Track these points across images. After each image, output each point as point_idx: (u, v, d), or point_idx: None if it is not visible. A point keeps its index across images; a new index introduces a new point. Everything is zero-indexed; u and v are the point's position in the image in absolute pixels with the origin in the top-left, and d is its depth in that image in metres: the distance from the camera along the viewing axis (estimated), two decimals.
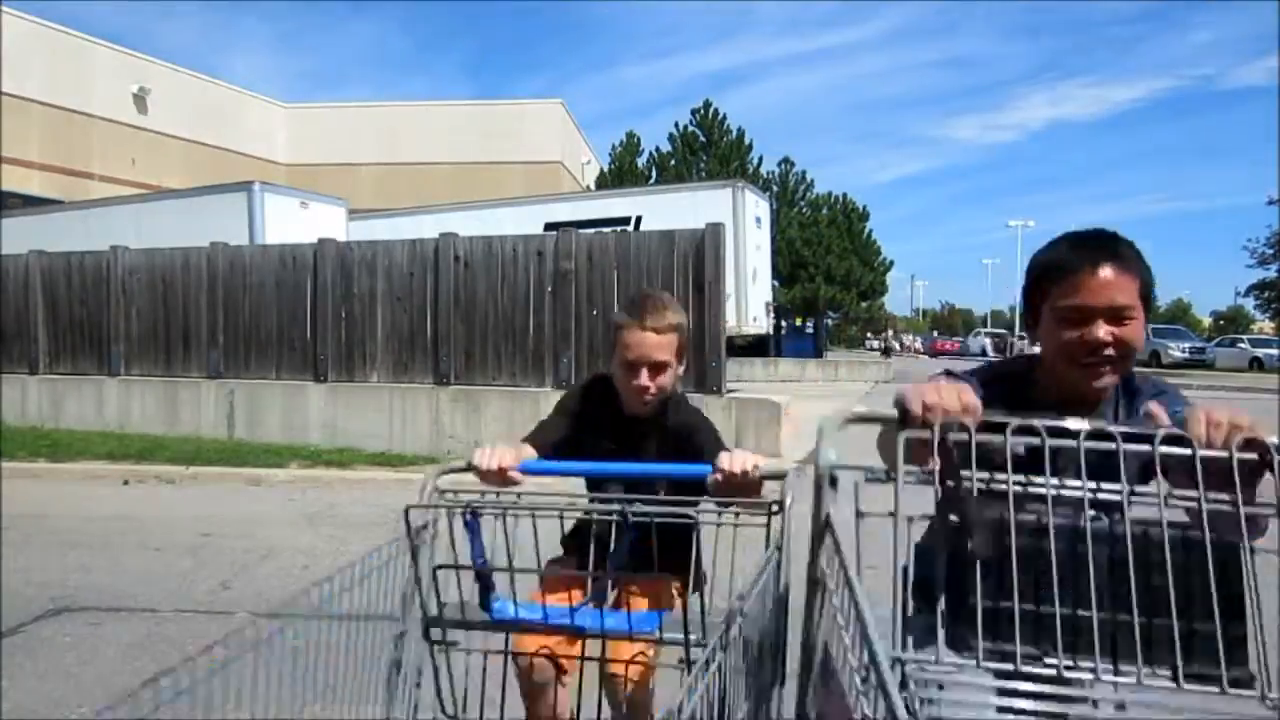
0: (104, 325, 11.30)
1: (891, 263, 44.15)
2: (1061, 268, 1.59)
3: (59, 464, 8.79)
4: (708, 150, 35.39)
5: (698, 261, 8.81)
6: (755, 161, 36.14)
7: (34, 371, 11.71)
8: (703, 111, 35.92)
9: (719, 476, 1.75)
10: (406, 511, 1.55)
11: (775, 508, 1.65)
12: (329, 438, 9.80)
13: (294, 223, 14.16)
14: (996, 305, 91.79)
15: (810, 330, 31.16)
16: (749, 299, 17.09)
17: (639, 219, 16.44)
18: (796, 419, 9.32)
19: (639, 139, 36.41)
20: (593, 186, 33.70)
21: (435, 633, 1.64)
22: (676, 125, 36.39)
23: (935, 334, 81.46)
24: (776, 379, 23.96)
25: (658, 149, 36.30)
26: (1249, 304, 50.91)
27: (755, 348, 23.56)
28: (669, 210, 15.49)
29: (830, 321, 43.81)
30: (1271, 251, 39.41)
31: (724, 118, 35.89)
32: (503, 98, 44.31)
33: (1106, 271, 1.54)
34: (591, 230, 11.81)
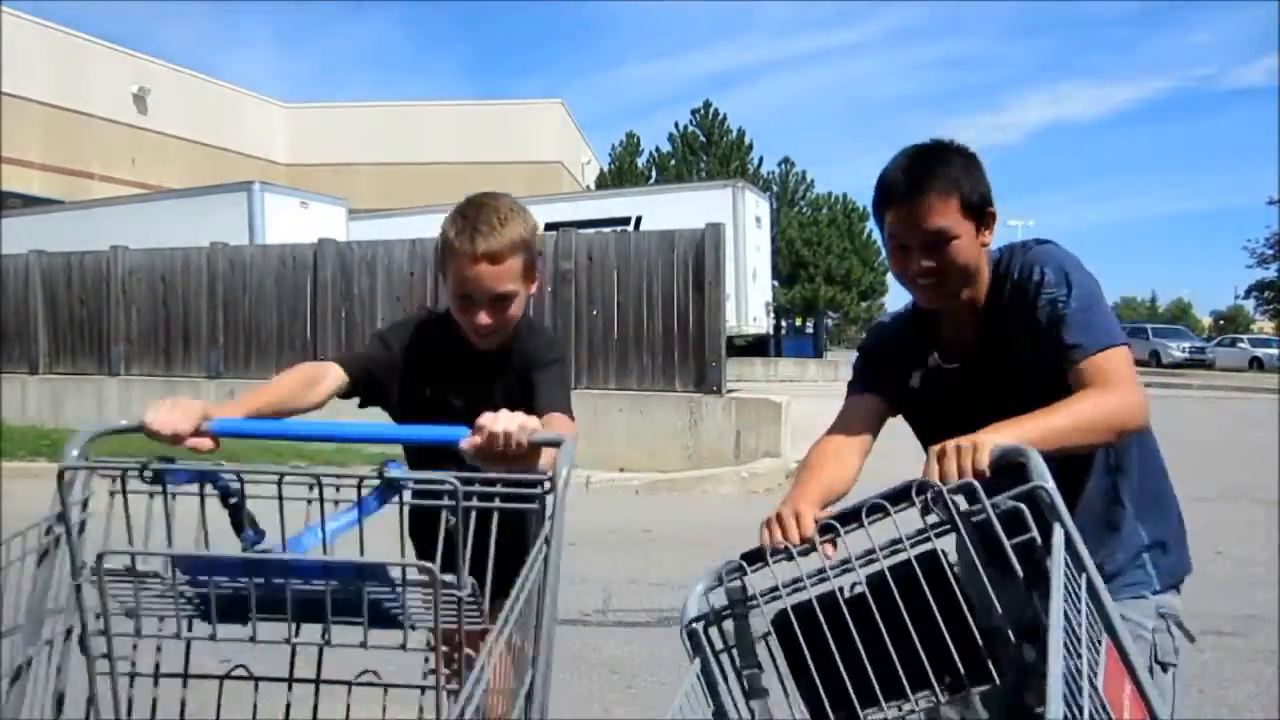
0: (104, 325, 11.30)
1: None
2: (881, 194, 1.63)
3: (59, 464, 8.79)
4: (708, 150, 35.43)
5: (698, 261, 8.81)
6: (755, 161, 36.21)
7: (34, 371, 11.71)
8: (703, 111, 35.96)
9: (476, 440, 1.38)
10: (61, 475, 1.23)
11: (546, 485, 1.32)
12: None
13: (294, 223, 14.16)
14: None
15: (810, 330, 31.16)
16: (749, 299, 17.11)
17: (639, 219, 16.44)
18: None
19: (639, 139, 36.51)
20: (593, 186, 33.72)
21: (98, 644, 1.28)
22: (676, 125, 36.48)
23: None
24: (776, 379, 23.97)
25: (658, 149, 36.37)
26: (1249, 304, 50.98)
27: (755, 348, 23.58)
28: (669, 210, 15.49)
29: (830, 321, 43.83)
30: (1271, 251, 39.39)
31: (724, 118, 35.95)
32: (503, 98, 44.36)
33: (925, 199, 1.56)
34: (591, 230, 11.82)
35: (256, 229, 14.08)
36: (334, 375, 1.78)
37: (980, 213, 1.60)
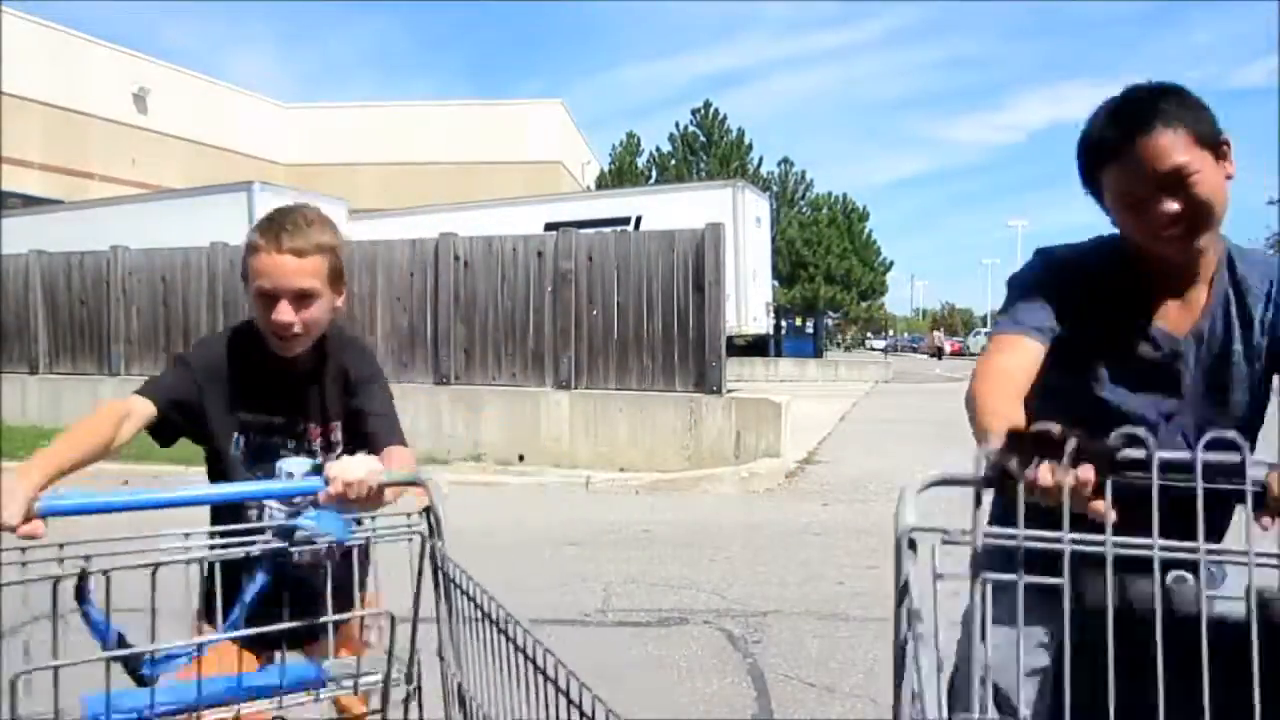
0: (104, 325, 11.30)
1: (891, 263, 44.24)
2: (1103, 147, 1.44)
3: None
4: (708, 150, 35.43)
5: (698, 261, 8.81)
6: (755, 161, 36.21)
7: (34, 371, 11.71)
8: (703, 111, 35.98)
9: (331, 491, 1.45)
10: None
11: (414, 518, 1.43)
12: None
13: None
14: (996, 305, 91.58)
15: (810, 330, 31.18)
16: (749, 299, 17.09)
17: (639, 219, 16.42)
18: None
19: (639, 139, 36.53)
20: (593, 186, 33.72)
21: None
22: (676, 125, 36.50)
23: (935, 334, 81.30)
24: (776, 379, 23.97)
25: (658, 149, 36.39)
26: None
27: (755, 348, 23.59)
28: (669, 210, 15.48)
29: (831, 322, 43.77)
30: (1271, 251, 39.50)
31: (724, 118, 35.97)
32: (503, 98, 44.41)
33: (1150, 139, 1.38)
34: (591, 230, 11.82)
35: None
36: (139, 410, 1.69)
37: (1215, 142, 1.41)
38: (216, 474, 1.84)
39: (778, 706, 3.38)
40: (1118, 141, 1.41)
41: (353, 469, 1.45)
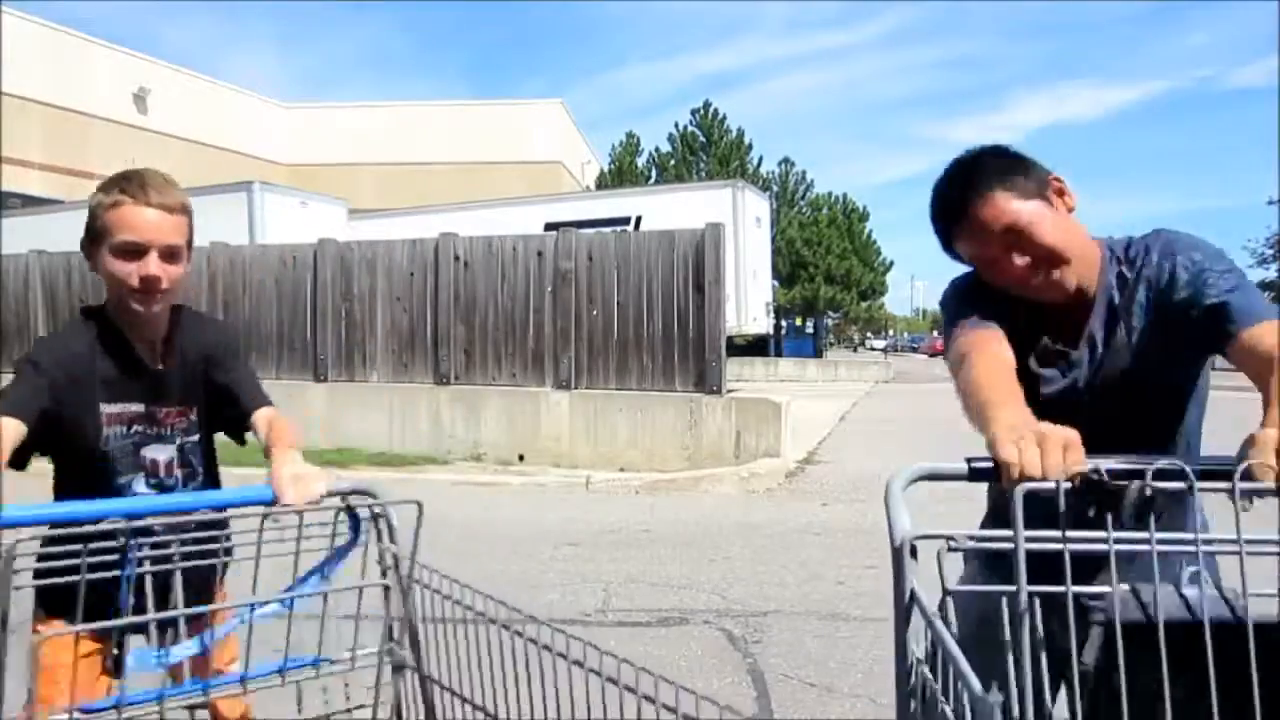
0: None
1: (891, 263, 44.22)
2: (942, 229, 1.58)
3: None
4: (708, 150, 35.40)
5: (698, 261, 8.81)
6: (755, 161, 36.17)
7: None
8: (703, 111, 35.94)
9: (286, 504, 1.39)
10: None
11: (354, 514, 1.39)
12: (329, 438, 9.81)
13: (294, 222, 14.16)
14: None
15: (810, 330, 31.15)
16: (749, 299, 17.08)
17: (639, 219, 16.41)
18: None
19: (639, 139, 36.48)
20: (593, 186, 33.70)
21: None
22: (676, 125, 36.45)
23: (935, 334, 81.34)
24: (776, 379, 23.98)
25: (658, 149, 36.34)
26: None
27: (755, 348, 23.60)
28: (669, 210, 15.47)
29: (831, 321, 43.71)
30: (1272, 251, 39.36)
31: (724, 118, 35.92)
32: (503, 98, 44.37)
33: (977, 210, 1.49)
34: (591, 230, 11.82)
35: (256, 229, 14.06)
36: (10, 432, 1.56)
37: (1041, 189, 1.50)
38: (87, 474, 1.72)
39: (778, 706, 3.39)
40: (953, 218, 1.54)
41: (303, 488, 1.40)
